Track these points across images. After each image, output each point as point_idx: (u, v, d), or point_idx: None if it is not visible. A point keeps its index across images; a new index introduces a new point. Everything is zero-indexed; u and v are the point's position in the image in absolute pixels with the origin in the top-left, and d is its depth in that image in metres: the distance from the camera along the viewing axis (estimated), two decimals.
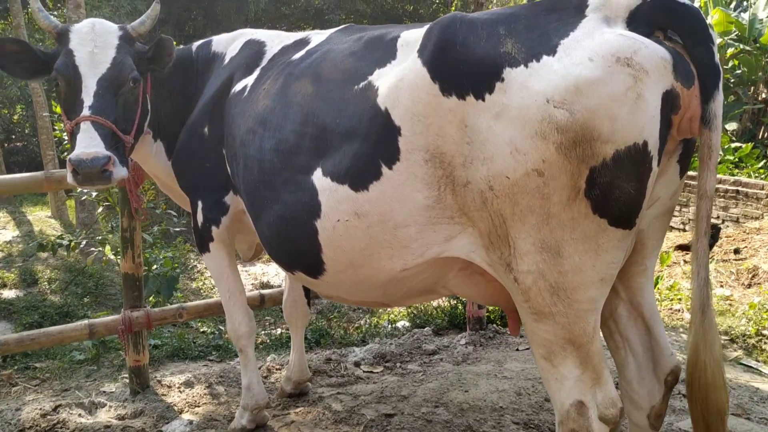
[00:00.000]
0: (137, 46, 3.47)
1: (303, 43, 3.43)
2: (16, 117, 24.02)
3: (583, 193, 2.18)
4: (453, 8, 29.44)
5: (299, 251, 2.98)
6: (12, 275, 8.64)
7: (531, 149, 2.18)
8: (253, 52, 3.62)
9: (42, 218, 13.12)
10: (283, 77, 3.16)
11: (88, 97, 3.15)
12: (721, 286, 7.26)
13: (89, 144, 3.04)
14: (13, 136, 23.99)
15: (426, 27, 2.67)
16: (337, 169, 2.69)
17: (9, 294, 8.08)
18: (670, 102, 2.18)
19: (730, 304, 6.53)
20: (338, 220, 2.71)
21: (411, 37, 2.71)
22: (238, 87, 3.45)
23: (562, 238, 2.24)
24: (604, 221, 2.21)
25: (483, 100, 2.27)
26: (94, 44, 3.27)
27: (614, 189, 2.16)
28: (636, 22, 2.22)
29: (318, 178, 2.77)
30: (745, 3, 16.48)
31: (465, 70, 2.33)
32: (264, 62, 3.51)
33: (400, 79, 2.52)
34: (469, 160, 2.32)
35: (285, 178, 2.93)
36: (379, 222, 2.61)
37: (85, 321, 4.56)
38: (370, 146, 2.59)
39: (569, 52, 2.17)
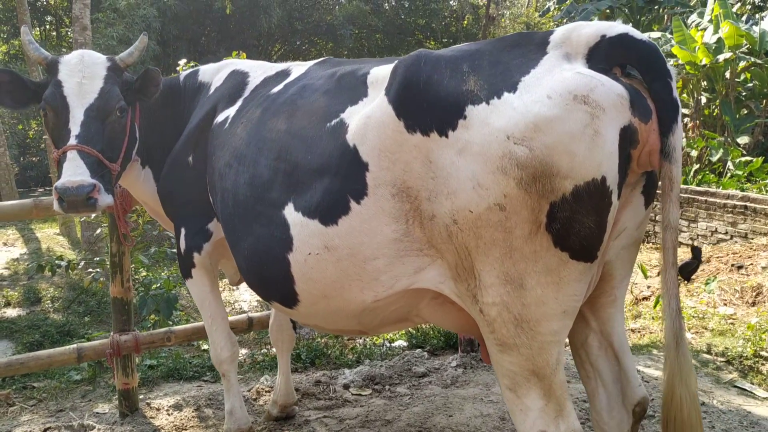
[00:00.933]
0: (125, 76, 3.54)
1: (283, 75, 3.48)
2: (31, 133, 24.33)
3: (544, 227, 2.20)
4: (465, 22, 29.51)
5: (274, 283, 3.01)
6: (16, 294, 8.72)
7: (492, 184, 2.20)
8: (236, 82, 3.67)
9: (50, 235, 13.23)
10: (260, 111, 3.22)
11: (75, 126, 3.22)
12: (725, 304, 7.16)
13: (75, 172, 3.10)
14: (28, 152, 24.29)
15: (395, 63, 2.71)
16: (308, 204, 2.73)
17: (12, 313, 8.15)
18: (628, 137, 2.20)
19: (732, 323, 6.44)
20: (309, 254, 2.75)
21: (380, 74, 2.76)
22: (220, 118, 3.50)
23: (525, 271, 2.26)
24: (566, 254, 2.23)
25: (446, 136, 2.31)
26: (82, 75, 3.34)
27: (574, 223, 2.18)
28: (595, 58, 2.26)
29: (289, 212, 2.81)
30: (756, 16, 16.36)
31: (428, 107, 2.37)
32: (246, 93, 3.56)
33: (368, 116, 2.57)
34: (434, 194, 2.36)
35: (258, 212, 2.97)
36: (349, 255, 2.64)
37: (74, 345, 4.60)
38: (339, 182, 2.63)
39: (529, 89, 2.20)
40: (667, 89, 2.22)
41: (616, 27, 2.30)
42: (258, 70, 3.71)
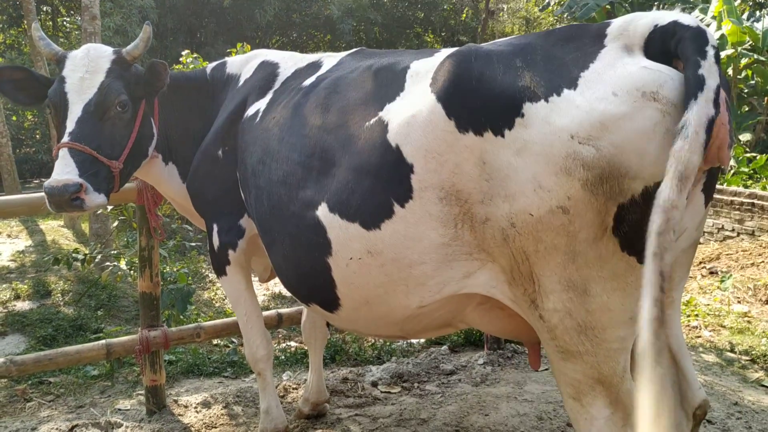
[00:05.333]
0: (134, 69, 3.47)
1: (315, 66, 3.41)
2: (27, 124, 24.14)
3: (610, 230, 2.13)
4: (464, 16, 29.46)
5: (313, 286, 2.95)
6: (25, 287, 8.63)
7: (555, 186, 2.13)
8: (266, 74, 3.60)
9: (55, 227, 13.13)
10: (292, 105, 3.14)
11: (71, 123, 3.18)
12: (739, 302, 7.19)
13: (62, 171, 3.05)
14: (24, 144, 24.09)
15: (438, 56, 2.64)
16: (347, 207, 2.65)
17: (22, 306, 8.07)
18: None
19: (749, 322, 6.46)
20: (351, 258, 2.68)
21: (421, 68, 2.65)
22: (250, 111, 3.44)
23: (589, 277, 2.19)
24: (633, 259, 2.16)
25: (502, 136, 2.23)
26: (85, 70, 3.31)
27: (643, 226, 2.07)
28: (651, 49, 2.17)
29: (325, 214, 2.73)
30: (758, 13, 16.38)
31: (482, 105, 2.29)
32: (277, 85, 3.49)
33: (412, 115, 2.47)
34: (489, 197, 2.28)
35: (293, 211, 2.89)
36: (393, 260, 2.57)
37: (103, 341, 4.55)
38: (381, 184, 2.54)
39: (591, 85, 2.12)
40: (694, 66, 2.03)
41: (669, 15, 2.20)
42: (288, 61, 3.65)
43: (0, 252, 10.78)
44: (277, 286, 9.80)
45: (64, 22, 27.05)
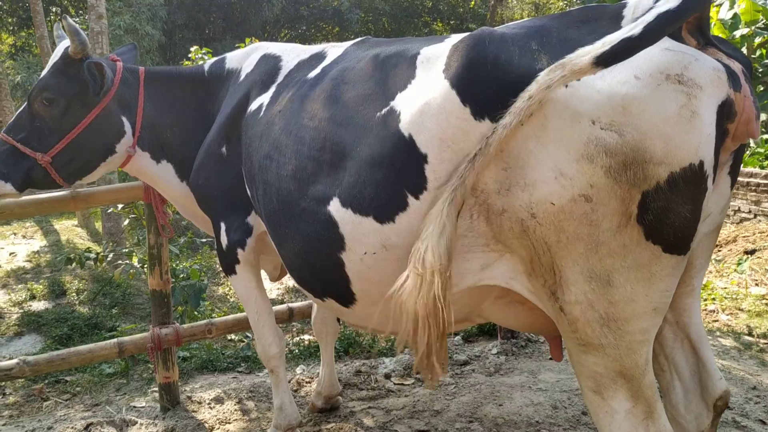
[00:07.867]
0: (84, 66, 3.46)
1: (319, 58, 3.29)
2: None
3: (635, 218, 2.04)
4: (473, 3, 29.26)
5: (327, 283, 2.86)
6: (41, 287, 8.68)
7: (577, 173, 2.04)
8: (268, 67, 3.50)
9: (69, 227, 13.20)
10: (298, 98, 3.04)
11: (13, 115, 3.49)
12: (757, 284, 7.08)
13: None
14: None
15: (448, 41, 2.55)
16: (359, 200, 2.56)
17: (38, 306, 8.11)
18: (725, 112, 2.04)
19: (767, 304, 6.36)
20: (365, 253, 2.59)
21: (432, 54, 2.55)
22: (254, 106, 3.33)
23: (613, 267, 2.10)
24: (658, 248, 2.07)
25: (520, 122, 2.12)
26: (48, 65, 3.55)
27: (669, 213, 2.02)
28: None
29: (338, 209, 2.63)
30: None
31: (498, 91, 2.19)
32: (280, 78, 3.38)
33: (426, 103, 2.38)
34: (506, 186, 2.19)
35: (303, 207, 2.80)
36: (409, 254, 2.49)
37: (115, 340, 4.54)
38: (395, 176, 2.45)
39: (612, 69, 2.01)
40: None
41: None
42: (291, 53, 3.53)
43: (16, 253, 10.84)
44: (291, 279, 9.80)
45: (75, 21, 27.12)
